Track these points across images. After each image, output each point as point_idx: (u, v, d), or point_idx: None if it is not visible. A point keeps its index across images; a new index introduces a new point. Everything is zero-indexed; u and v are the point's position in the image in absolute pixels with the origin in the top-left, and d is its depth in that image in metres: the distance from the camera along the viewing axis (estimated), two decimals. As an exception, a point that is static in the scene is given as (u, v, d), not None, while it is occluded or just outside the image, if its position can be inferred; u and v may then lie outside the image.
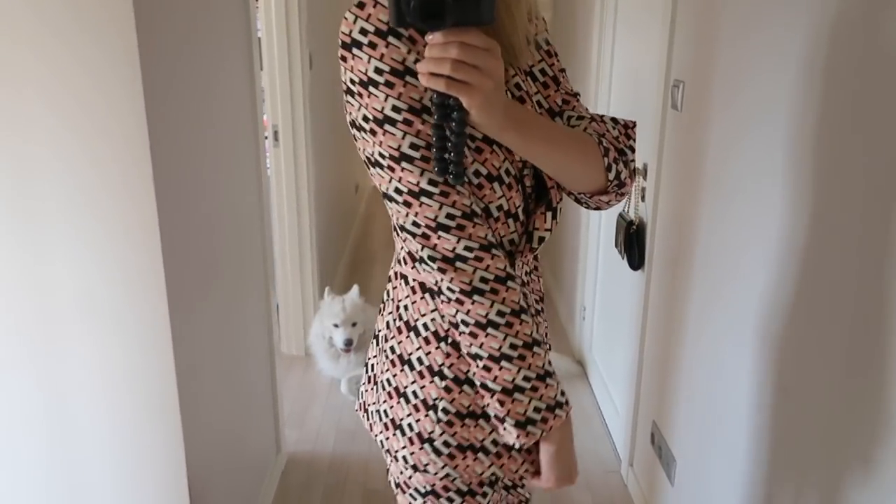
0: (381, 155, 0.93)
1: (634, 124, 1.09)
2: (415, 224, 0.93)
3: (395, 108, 0.90)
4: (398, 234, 0.99)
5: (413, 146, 0.91)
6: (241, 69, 2.08)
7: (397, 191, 0.93)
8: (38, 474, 1.49)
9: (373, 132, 0.92)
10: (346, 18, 0.91)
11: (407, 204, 0.93)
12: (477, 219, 0.94)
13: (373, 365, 1.14)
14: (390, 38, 0.89)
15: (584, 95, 2.84)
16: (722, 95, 1.70)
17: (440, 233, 0.92)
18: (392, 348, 1.06)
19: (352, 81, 0.92)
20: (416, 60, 0.88)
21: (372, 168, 0.96)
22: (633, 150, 1.06)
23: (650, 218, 2.20)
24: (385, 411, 1.07)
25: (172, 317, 1.45)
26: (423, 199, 0.92)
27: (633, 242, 2.29)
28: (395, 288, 1.07)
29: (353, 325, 3.09)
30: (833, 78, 1.26)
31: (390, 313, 1.08)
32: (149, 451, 1.51)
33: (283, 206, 3.26)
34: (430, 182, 0.92)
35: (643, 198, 2.27)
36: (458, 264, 0.93)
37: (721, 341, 1.71)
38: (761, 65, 1.51)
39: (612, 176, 1.02)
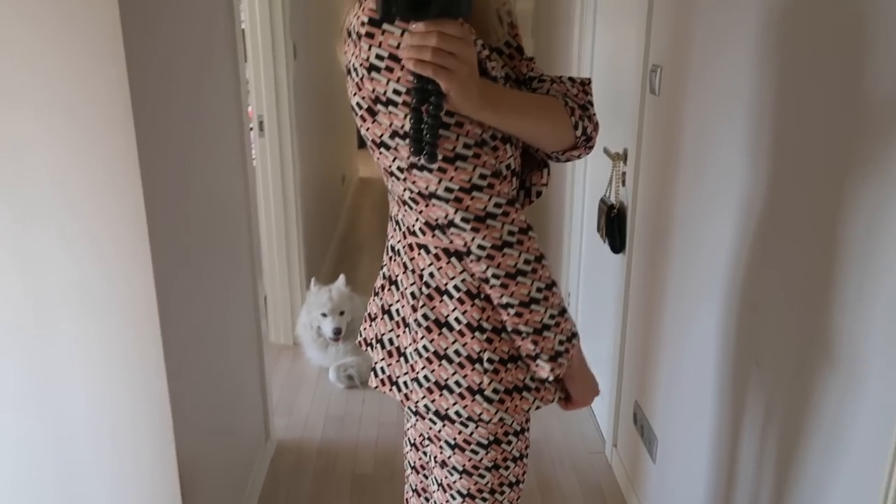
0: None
1: (590, 81, 1.17)
2: (447, 189, 1.00)
3: (396, 92, 0.98)
4: (412, 207, 1.06)
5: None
6: (225, 61, 2.10)
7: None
8: (27, 460, 1.51)
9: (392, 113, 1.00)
10: (360, 46, 0.98)
11: (442, 170, 1.00)
12: (500, 176, 1.02)
13: (390, 339, 1.18)
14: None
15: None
16: (697, 78, 1.74)
17: (473, 193, 1.01)
18: (425, 315, 1.11)
19: (376, 99, 1.00)
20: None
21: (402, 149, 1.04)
22: (591, 104, 1.15)
23: (630, 202, 2.24)
24: (426, 376, 1.12)
25: (161, 306, 1.47)
26: (459, 162, 1.00)
27: (614, 226, 2.33)
28: (412, 259, 1.12)
29: (341, 313, 3.11)
30: (793, 58, 1.29)
31: (413, 284, 1.13)
32: (139, 437, 1.53)
33: (270, 196, 3.27)
34: (465, 146, 1.00)
35: (623, 182, 2.30)
36: (489, 221, 1.01)
37: (698, 320, 1.76)
38: (731, 46, 1.55)
39: (579, 133, 1.11)
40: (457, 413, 1.12)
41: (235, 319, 2.17)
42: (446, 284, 1.10)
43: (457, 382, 1.11)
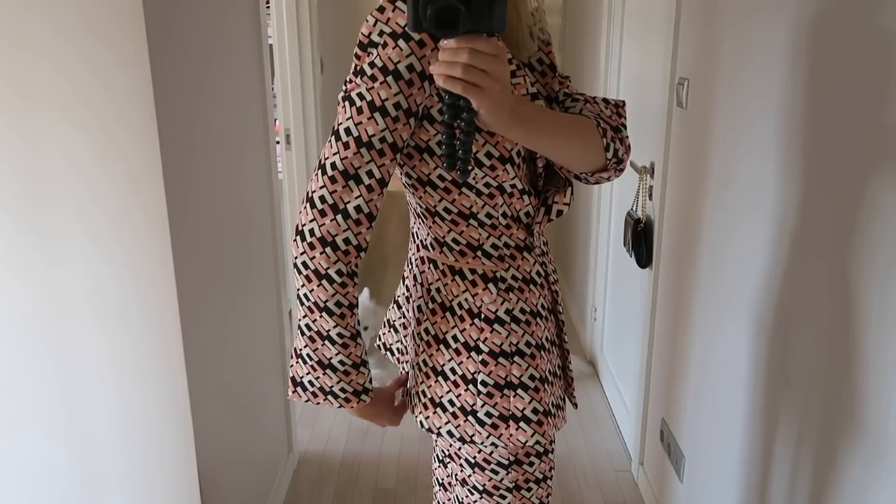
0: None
1: (624, 103, 1.15)
2: (446, 210, 1.04)
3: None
4: (424, 220, 1.09)
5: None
6: (251, 75, 2.11)
7: (440, 177, 1.03)
8: (50, 470, 1.52)
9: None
10: (366, 21, 0.98)
11: (447, 191, 1.04)
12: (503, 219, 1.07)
13: (403, 350, 1.19)
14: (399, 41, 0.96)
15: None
16: (725, 91, 1.71)
17: (470, 220, 1.05)
18: (426, 330, 1.11)
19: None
20: (410, 66, 0.96)
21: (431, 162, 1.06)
22: (625, 126, 1.12)
23: (657, 216, 2.21)
24: (423, 391, 1.12)
25: (183, 318, 1.47)
26: (465, 189, 1.04)
27: (640, 240, 2.30)
28: (422, 273, 1.13)
29: (365, 328, 3.11)
30: (823, 70, 1.26)
31: (420, 297, 1.13)
32: (159, 449, 1.53)
33: (296, 209, 3.29)
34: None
35: (650, 196, 2.28)
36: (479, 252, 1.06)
37: (725, 336, 1.72)
38: (759, 58, 1.52)
39: (610, 154, 1.08)
40: (448, 432, 1.11)
41: (259, 332, 2.17)
42: (451, 301, 1.09)
43: (450, 401, 1.10)
